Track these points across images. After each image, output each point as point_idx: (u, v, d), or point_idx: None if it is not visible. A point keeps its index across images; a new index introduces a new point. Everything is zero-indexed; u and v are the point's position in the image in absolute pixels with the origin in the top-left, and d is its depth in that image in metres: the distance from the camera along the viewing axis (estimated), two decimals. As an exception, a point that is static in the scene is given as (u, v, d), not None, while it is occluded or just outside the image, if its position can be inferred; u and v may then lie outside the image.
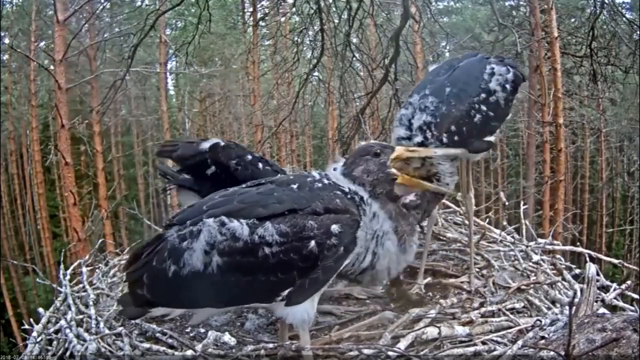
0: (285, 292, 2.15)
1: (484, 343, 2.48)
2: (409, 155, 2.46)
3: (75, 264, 3.68)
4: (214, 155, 3.09)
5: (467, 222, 3.66)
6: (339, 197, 2.23)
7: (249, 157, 3.15)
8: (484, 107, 3.03)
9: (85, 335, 2.70)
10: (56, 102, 8.59)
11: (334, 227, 2.12)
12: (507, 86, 3.09)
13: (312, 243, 2.09)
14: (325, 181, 2.31)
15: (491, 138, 3.14)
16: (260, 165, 3.14)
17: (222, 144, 3.12)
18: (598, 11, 6.83)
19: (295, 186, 2.26)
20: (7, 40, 13.86)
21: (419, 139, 2.92)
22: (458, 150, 2.81)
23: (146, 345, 2.53)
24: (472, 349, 2.41)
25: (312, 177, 2.34)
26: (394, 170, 2.37)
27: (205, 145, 3.12)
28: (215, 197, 2.30)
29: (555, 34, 9.93)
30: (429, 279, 3.39)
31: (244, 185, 2.39)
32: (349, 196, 2.26)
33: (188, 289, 2.14)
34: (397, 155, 2.41)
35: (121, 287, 3.51)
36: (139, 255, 2.27)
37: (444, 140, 2.91)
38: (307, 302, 2.22)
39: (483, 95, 3.04)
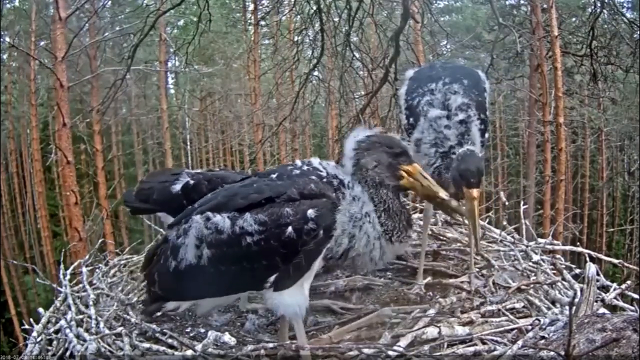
0: (272, 278, 2.22)
1: (484, 343, 2.48)
2: (420, 179, 2.39)
3: (75, 263, 3.68)
4: (186, 195, 3.14)
5: (467, 222, 3.66)
6: (313, 181, 2.26)
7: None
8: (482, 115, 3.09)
9: (85, 335, 2.70)
10: (57, 101, 8.57)
11: (310, 212, 2.17)
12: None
13: (290, 229, 2.15)
14: (305, 168, 2.36)
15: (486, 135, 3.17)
16: None
17: (192, 183, 3.17)
18: (598, 11, 6.82)
19: (274, 175, 2.36)
20: (7, 40, 13.86)
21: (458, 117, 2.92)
22: (462, 209, 2.74)
23: (146, 345, 2.53)
24: (472, 349, 2.41)
25: (293, 166, 2.40)
26: (403, 174, 2.36)
27: (177, 187, 3.19)
28: (207, 196, 2.45)
29: (556, 33, 9.93)
30: (429, 279, 3.39)
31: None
32: (324, 180, 2.29)
33: (187, 282, 2.29)
34: (410, 171, 2.37)
35: (121, 287, 3.51)
36: (152, 256, 2.51)
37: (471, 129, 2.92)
38: (297, 291, 2.27)
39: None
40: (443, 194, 2.38)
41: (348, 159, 2.38)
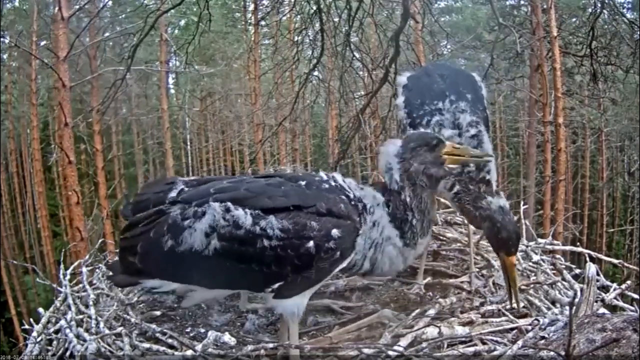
0: (276, 285, 2.19)
1: (484, 343, 2.48)
2: (460, 152, 2.47)
3: (76, 263, 3.68)
4: None
5: (466, 221, 3.66)
6: (343, 202, 2.24)
7: None
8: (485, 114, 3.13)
9: (85, 335, 2.69)
10: (59, 100, 8.56)
11: (335, 232, 2.14)
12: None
13: (311, 243, 2.11)
14: (333, 183, 2.33)
15: None
16: None
17: (187, 189, 3.15)
18: (598, 11, 6.82)
19: (303, 183, 2.29)
20: (8, 39, 13.85)
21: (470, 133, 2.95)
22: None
23: (146, 345, 2.53)
24: (472, 349, 2.41)
25: (320, 177, 2.36)
26: (447, 166, 2.40)
27: (173, 195, 3.15)
28: (223, 182, 2.35)
29: (556, 34, 9.93)
30: (429, 279, 3.39)
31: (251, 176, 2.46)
32: (352, 202, 2.27)
33: (181, 265, 2.21)
34: (449, 151, 2.43)
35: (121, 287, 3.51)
36: (136, 224, 2.35)
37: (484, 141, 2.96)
38: (298, 297, 2.26)
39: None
40: (484, 154, 2.66)
41: (392, 174, 2.35)
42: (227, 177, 3.37)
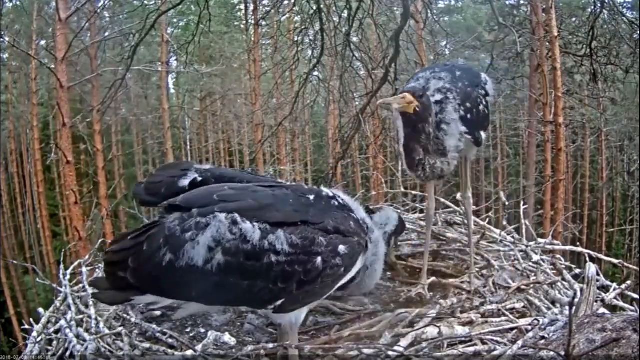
0: (279, 302, 2.13)
1: (484, 343, 2.48)
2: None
3: (76, 263, 3.67)
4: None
5: (466, 222, 3.66)
6: (352, 219, 2.26)
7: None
8: (484, 101, 3.17)
9: (85, 335, 2.69)
10: (58, 101, 8.58)
11: (341, 248, 2.14)
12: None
13: (319, 259, 2.09)
14: (340, 201, 2.33)
15: (484, 135, 3.22)
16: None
17: (199, 179, 3.15)
18: (598, 11, 6.81)
19: (311, 197, 2.26)
20: (7, 39, 13.85)
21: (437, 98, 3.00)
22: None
23: (146, 345, 2.53)
24: (472, 349, 2.41)
25: (327, 193, 2.35)
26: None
27: (185, 182, 3.15)
28: (225, 188, 2.25)
29: (556, 33, 9.91)
30: (433, 279, 3.39)
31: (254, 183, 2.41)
32: (360, 222, 2.30)
33: (180, 281, 2.06)
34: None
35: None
36: (125, 236, 2.21)
37: (462, 112, 3.01)
38: (298, 310, 2.24)
39: (482, 91, 3.18)
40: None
41: None
42: (242, 171, 3.33)
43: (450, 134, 2.98)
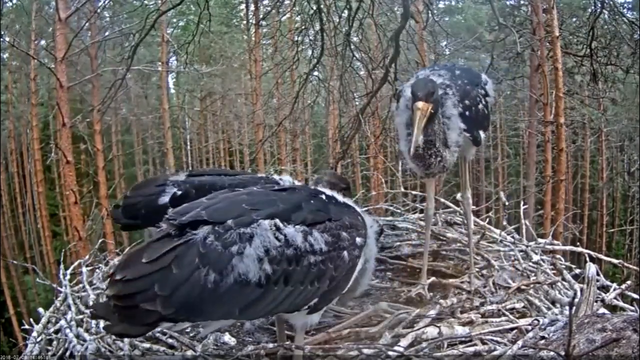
0: (313, 302, 2.12)
1: (484, 343, 2.48)
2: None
3: (76, 263, 3.68)
4: (175, 207, 3.12)
5: (466, 222, 3.66)
6: (359, 215, 2.32)
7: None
8: (483, 100, 3.17)
9: (85, 335, 2.70)
10: (57, 101, 8.59)
11: (359, 240, 2.21)
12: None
13: (345, 253, 2.14)
14: (341, 200, 2.37)
15: (483, 135, 3.22)
16: None
17: (179, 193, 3.13)
18: (598, 11, 6.82)
19: (323, 197, 2.30)
20: (7, 39, 13.87)
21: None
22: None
23: (146, 345, 2.53)
24: (472, 349, 2.41)
25: (326, 194, 2.37)
26: None
27: (165, 199, 3.14)
28: (242, 195, 2.17)
29: (557, 34, 9.91)
30: (433, 279, 3.39)
31: (257, 187, 2.41)
32: (360, 217, 2.34)
33: (226, 300, 1.90)
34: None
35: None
36: (132, 260, 1.92)
37: (460, 109, 3.01)
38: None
39: (482, 91, 3.18)
40: None
41: None
42: (213, 176, 3.28)
43: (451, 127, 3.00)
